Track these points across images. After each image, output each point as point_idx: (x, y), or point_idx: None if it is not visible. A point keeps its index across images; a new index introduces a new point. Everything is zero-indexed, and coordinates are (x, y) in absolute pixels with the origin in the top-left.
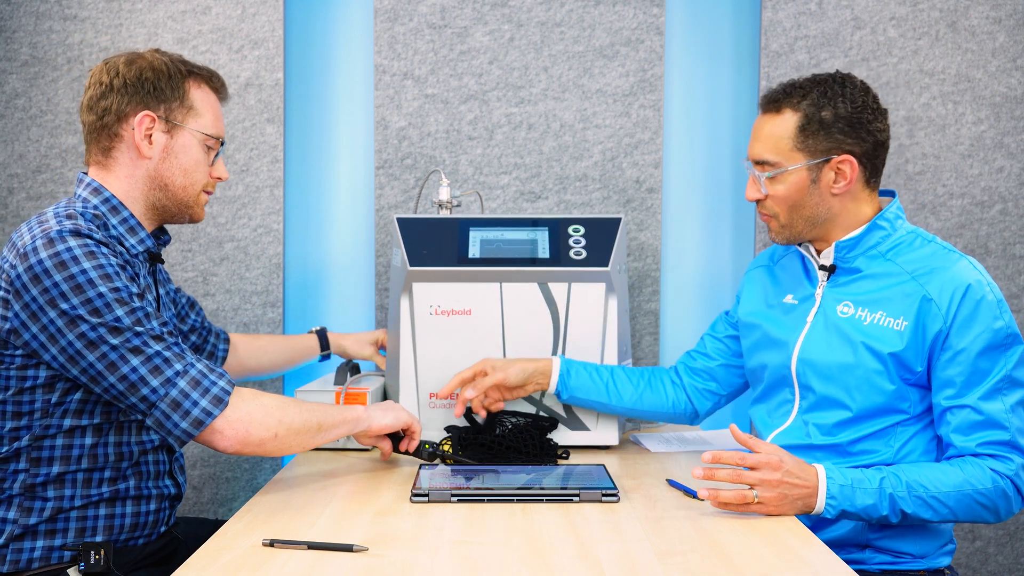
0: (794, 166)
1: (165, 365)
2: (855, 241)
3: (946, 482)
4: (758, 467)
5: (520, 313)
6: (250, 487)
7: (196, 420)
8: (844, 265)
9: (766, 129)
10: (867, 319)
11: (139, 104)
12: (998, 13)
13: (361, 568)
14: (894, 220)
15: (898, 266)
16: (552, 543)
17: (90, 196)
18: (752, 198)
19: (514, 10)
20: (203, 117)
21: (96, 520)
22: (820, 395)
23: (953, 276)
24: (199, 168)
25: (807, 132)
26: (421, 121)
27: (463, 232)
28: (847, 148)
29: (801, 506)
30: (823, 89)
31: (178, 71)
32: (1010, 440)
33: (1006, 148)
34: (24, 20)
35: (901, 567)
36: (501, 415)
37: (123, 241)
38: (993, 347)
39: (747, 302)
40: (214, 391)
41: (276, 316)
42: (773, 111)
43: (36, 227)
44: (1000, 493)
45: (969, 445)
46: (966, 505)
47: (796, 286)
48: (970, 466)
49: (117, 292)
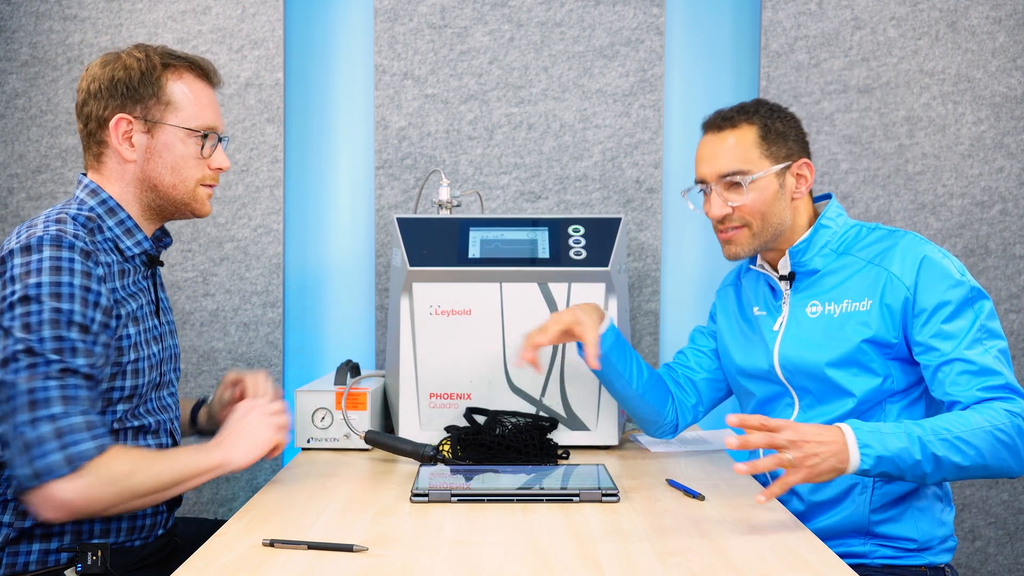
0: (764, 172)
1: (44, 404)
2: (806, 244)
3: (967, 423)
4: (781, 429)
5: (520, 313)
6: (250, 487)
7: (35, 472)
8: (802, 269)
9: (727, 143)
10: (836, 311)
11: (115, 107)
12: (998, 13)
13: (361, 568)
14: (836, 218)
15: (854, 257)
16: (552, 543)
17: (87, 198)
18: (718, 214)
19: (514, 10)
20: (183, 111)
21: (92, 523)
22: (819, 396)
23: (906, 249)
24: (187, 164)
25: (768, 140)
26: (421, 121)
27: (463, 232)
28: (803, 154)
29: (835, 463)
30: (767, 106)
31: (152, 66)
32: (1006, 383)
33: (1006, 148)
34: (24, 20)
35: (903, 562)
36: (501, 415)
37: (119, 243)
38: (961, 302)
39: (722, 323)
40: (72, 450)
41: (276, 316)
42: (728, 127)
43: (24, 231)
44: (1019, 430)
45: (971, 392)
46: (991, 444)
47: (761, 299)
48: (984, 407)
49: (58, 313)
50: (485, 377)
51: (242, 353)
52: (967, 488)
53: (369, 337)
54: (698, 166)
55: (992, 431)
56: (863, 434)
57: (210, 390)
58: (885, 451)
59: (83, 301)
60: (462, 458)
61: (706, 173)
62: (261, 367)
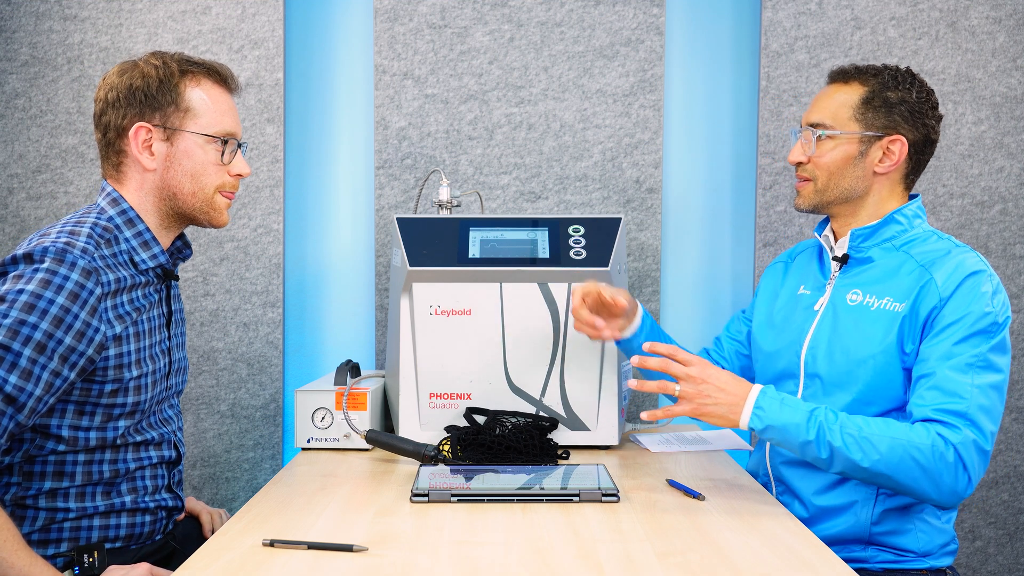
0: (847, 133)
1: None
2: (871, 231)
3: (883, 430)
4: (688, 363)
5: (520, 313)
6: (250, 487)
7: None
8: (857, 255)
9: (829, 96)
10: (874, 304)
11: (134, 116)
12: (998, 13)
13: (361, 568)
14: (912, 218)
15: (910, 257)
16: (552, 543)
17: (108, 207)
18: (795, 160)
19: (514, 10)
20: (202, 117)
21: (90, 531)
22: (826, 383)
23: (959, 263)
24: (207, 171)
25: (870, 106)
26: (421, 121)
27: (463, 232)
28: (902, 132)
29: (726, 412)
30: (894, 73)
31: (170, 73)
32: (964, 412)
33: (1006, 148)
34: (24, 20)
35: (903, 566)
36: (501, 415)
37: (134, 256)
38: (977, 331)
39: (762, 296)
40: None
41: (276, 316)
42: (841, 81)
43: (36, 238)
44: (938, 456)
45: (925, 409)
46: (900, 459)
47: (810, 278)
48: (914, 426)
49: (20, 324)
50: (485, 377)
51: (242, 353)
52: None
53: (369, 337)
54: (808, 109)
55: (907, 447)
56: (766, 399)
57: (210, 390)
58: (775, 420)
59: (55, 320)
60: (462, 458)
61: (804, 116)
62: (261, 367)
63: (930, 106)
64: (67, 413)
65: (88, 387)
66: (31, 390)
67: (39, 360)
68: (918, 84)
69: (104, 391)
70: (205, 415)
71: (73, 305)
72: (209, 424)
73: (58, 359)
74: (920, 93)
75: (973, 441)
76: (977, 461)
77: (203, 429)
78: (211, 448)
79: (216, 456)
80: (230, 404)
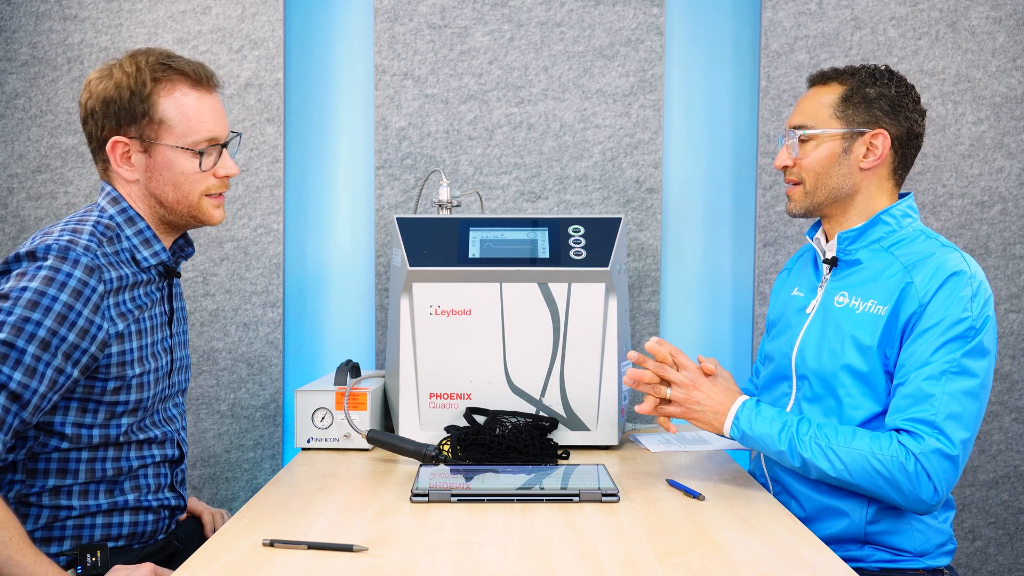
0: (829, 131)
1: None
2: (858, 233)
3: (850, 441)
4: (681, 368)
5: (520, 313)
6: (250, 487)
7: None
8: (845, 257)
9: (810, 98)
10: (859, 307)
11: (111, 129)
12: (998, 13)
13: (361, 568)
14: (900, 217)
15: (895, 258)
16: (552, 543)
17: (108, 205)
18: (780, 164)
19: (514, 10)
20: (177, 127)
21: (93, 529)
22: (815, 386)
23: (939, 265)
24: (188, 179)
25: (849, 103)
26: (421, 121)
27: (463, 232)
28: (884, 126)
29: (711, 419)
30: (872, 70)
31: (142, 83)
32: (931, 420)
33: (1006, 148)
34: (24, 20)
35: (899, 565)
36: (501, 415)
37: (136, 254)
38: (953, 336)
39: (772, 304)
40: None
41: (276, 316)
42: (820, 84)
43: (39, 236)
44: (898, 466)
45: (896, 419)
46: (862, 469)
47: (804, 281)
48: (882, 435)
49: (24, 322)
50: (485, 377)
51: (242, 353)
52: (967, 488)
53: (369, 337)
54: (791, 114)
55: (869, 458)
56: (745, 410)
57: (210, 390)
58: (750, 431)
59: (59, 318)
60: (462, 458)
61: (787, 121)
62: (261, 367)
63: (911, 100)
64: (70, 410)
65: (91, 384)
66: (35, 387)
67: (43, 357)
68: (896, 79)
69: (107, 388)
70: (205, 415)
71: (76, 302)
72: (209, 424)
73: (62, 356)
74: (899, 88)
75: (936, 450)
76: (942, 469)
77: (203, 429)
78: (211, 448)
79: (216, 456)
80: (230, 404)
